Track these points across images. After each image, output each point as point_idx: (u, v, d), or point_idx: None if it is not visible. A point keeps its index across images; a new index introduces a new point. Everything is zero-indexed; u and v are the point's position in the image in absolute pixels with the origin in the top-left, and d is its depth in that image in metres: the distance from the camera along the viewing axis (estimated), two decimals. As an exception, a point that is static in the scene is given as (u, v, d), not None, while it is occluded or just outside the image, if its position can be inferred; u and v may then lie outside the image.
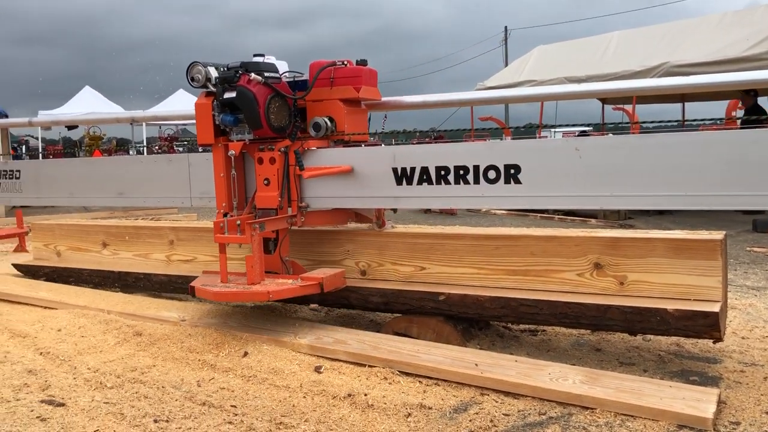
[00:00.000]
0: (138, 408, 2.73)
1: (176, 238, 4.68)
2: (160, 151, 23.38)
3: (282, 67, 3.97)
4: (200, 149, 4.31)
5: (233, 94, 3.70)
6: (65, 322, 3.99)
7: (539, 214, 11.27)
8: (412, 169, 3.46)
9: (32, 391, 2.97)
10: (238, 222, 3.62)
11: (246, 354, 3.32)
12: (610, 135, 3.66)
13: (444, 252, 3.64)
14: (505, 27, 43.19)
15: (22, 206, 8.75)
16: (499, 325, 3.85)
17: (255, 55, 3.95)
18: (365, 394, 2.81)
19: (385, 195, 3.60)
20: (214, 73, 3.78)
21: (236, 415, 2.66)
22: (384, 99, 4.03)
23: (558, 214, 11.12)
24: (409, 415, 2.64)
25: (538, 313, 3.28)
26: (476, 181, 3.28)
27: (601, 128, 13.34)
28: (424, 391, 2.87)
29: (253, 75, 3.68)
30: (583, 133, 15.50)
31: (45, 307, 4.43)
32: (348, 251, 4.00)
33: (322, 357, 3.29)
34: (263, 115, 3.65)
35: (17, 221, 8.43)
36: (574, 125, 14.87)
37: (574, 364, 3.10)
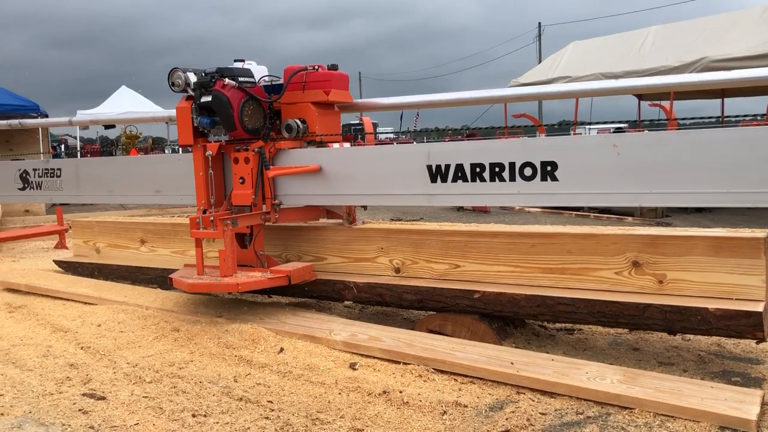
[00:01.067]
0: (176, 402, 2.77)
1: (212, 235, 4.72)
2: (194, 149, 23.64)
3: (261, 71, 4.18)
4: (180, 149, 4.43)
5: (209, 98, 3.92)
6: (105, 317, 4.07)
7: (574, 212, 11.14)
8: (447, 167, 3.44)
9: (74, 385, 3.03)
10: (212, 218, 3.83)
11: (282, 350, 3.35)
12: (646, 131, 3.59)
13: (479, 250, 3.62)
14: (539, 23, 42.80)
15: (61, 204, 8.94)
16: (535, 324, 3.82)
17: (235, 60, 4.18)
18: (400, 392, 2.81)
19: (419, 192, 3.59)
20: (192, 78, 4.00)
21: (273, 410, 2.68)
22: (357, 101, 4.24)
23: (593, 212, 10.99)
24: (445, 412, 2.63)
25: (575, 311, 3.24)
26: (512, 178, 3.25)
27: (637, 125, 13.14)
28: (460, 389, 2.86)
29: (227, 80, 3.90)
30: (618, 130, 15.27)
31: (85, 303, 4.52)
32: (381, 249, 4.00)
33: (357, 354, 3.30)
34: (237, 118, 3.87)
35: (58, 219, 8.62)
36: (609, 122, 14.69)
37: (611, 364, 3.06)
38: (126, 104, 20.47)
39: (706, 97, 16.19)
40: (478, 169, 3.34)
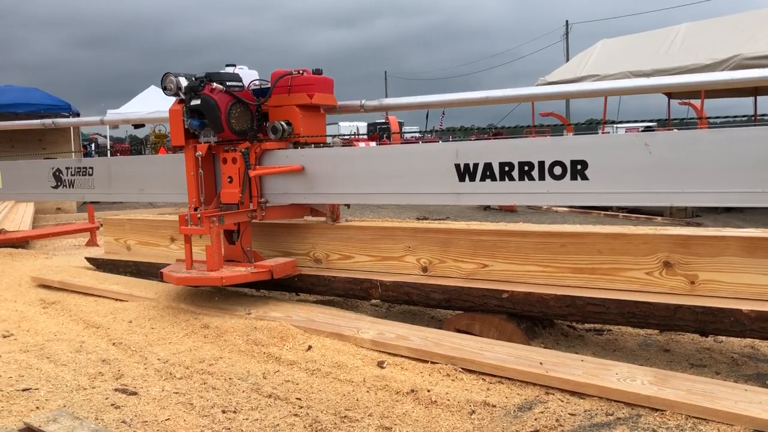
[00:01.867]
0: (206, 399, 2.80)
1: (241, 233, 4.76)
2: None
3: (251, 75, 4.38)
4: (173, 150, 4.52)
5: (198, 102, 4.11)
6: (136, 313, 4.13)
7: (603, 212, 11.04)
8: (475, 165, 3.43)
9: (106, 380, 3.08)
10: (199, 215, 4.05)
11: (310, 348, 3.37)
12: (675, 130, 3.55)
13: (508, 249, 3.61)
14: (566, 21, 42.44)
15: (92, 202, 9.08)
16: (564, 324, 3.79)
17: (227, 65, 4.39)
18: (428, 390, 2.80)
19: (447, 191, 3.59)
20: (184, 82, 4.19)
21: (301, 407, 2.69)
22: (341, 103, 4.38)
23: (622, 212, 10.88)
24: (473, 412, 2.62)
25: (605, 312, 3.21)
26: (541, 177, 3.23)
27: (666, 124, 12.96)
28: (488, 389, 2.85)
29: (215, 84, 4.11)
30: (647, 129, 15.07)
31: (116, 299, 4.59)
32: (409, 248, 4.00)
33: (384, 352, 3.30)
34: (224, 120, 4.07)
35: (89, 216, 8.76)
36: (637, 121, 14.52)
37: (641, 365, 3.03)
38: (154, 103, 20.70)
39: (737, 95, 15.93)
40: (506, 168, 3.33)
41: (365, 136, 28.67)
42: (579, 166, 3.15)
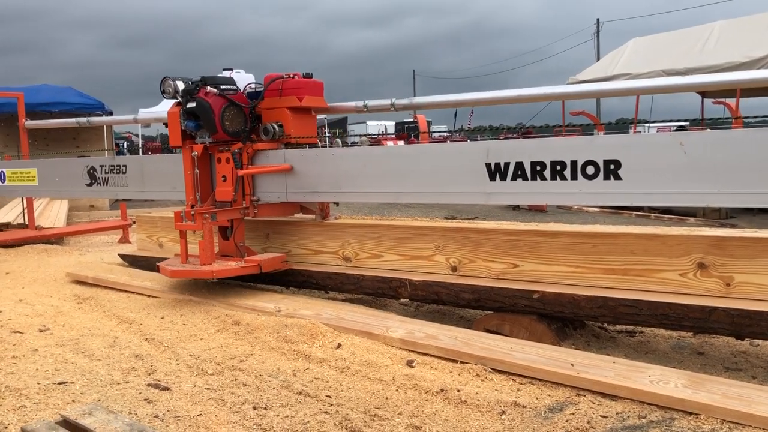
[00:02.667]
0: (238, 395, 2.83)
1: (272, 231, 4.81)
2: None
3: (248, 79, 4.60)
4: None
5: (194, 104, 4.33)
6: (168, 310, 4.19)
7: (634, 212, 10.90)
8: (506, 165, 3.42)
9: (139, 375, 3.13)
10: (192, 212, 4.29)
11: (339, 346, 3.38)
12: (709, 129, 3.49)
13: (538, 249, 3.58)
14: (597, 19, 41.86)
15: (125, 199, 9.22)
16: (595, 325, 3.75)
17: (224, 69, 4.61)
18: (458, 390, 2.80)
19: (477, 191, 3.58)
20: (181, 86, 4.39)
21: (331, 405, 2.70)
22: (331, 104, 4.60)
23: (654, 212, 10.73)
24: (503, 412, 2.61)
25: (638, 313, 3.17)
26: (573, 176, 3.21)
27: (700, 123, 12.76)
28: (518, 390, 2.83)
29: (209, 88, 4.32)
30: (680, 129, 14.85)
31: (148, 296, 4.65)
32: (438, 247, 3.99)
33: (414, 351, 3.30)
34: (218, 122, 4.28)
35: (122, 214, 8.89)
36: (669, 121, 14.30)
37: (674, 368, 2.98)
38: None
39: (774, 94, 15.59)
40: (538, 168, 3.30)
41: (393, 135, 28.69)
42: (612, 166, 3.12)
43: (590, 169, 3.17)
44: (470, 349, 3.16)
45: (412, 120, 30.90)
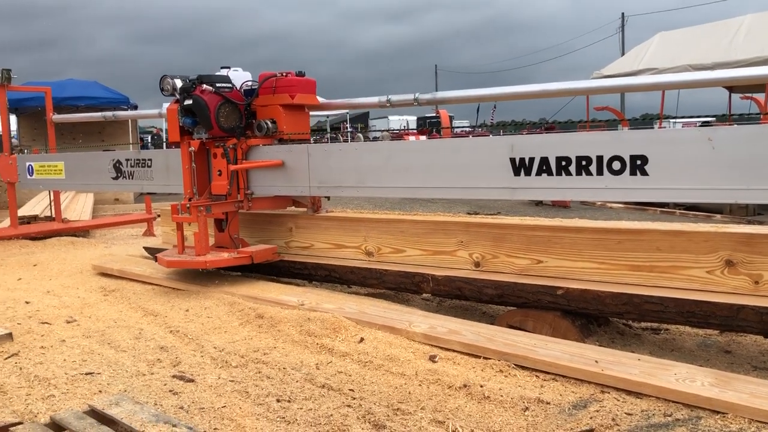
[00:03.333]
0: (261, 387, 2.84)
1: (295, 225, 4.83)
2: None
3: (245, 77, 4.75)
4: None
5: (190, 102, 4.50)
6: (192, 302, 4.22)
7: (659, 209, 10.78)
8: (531, 160, 3.40)
9: (164, 366, 3.16)
10: (188, 205, 4.49)
11: (362, 340, 3.39)
12: (735, 125, 3.44)
13: (563, 245, 3.56)
14: (622, 14, 41.39)
15: (149, 193, 9.32)
16: (619, 323, 3.72)
17: (222, 67, 4.76)
18: (481, 386, 2.79)
19: (501, 186, 3.56)
20: (179, 83, 4.58)
21: (354, 398, 2.71)
22: (326, 101, 4.77)
23: (679, 209, 10.60)
24: (527, 408, 2.60)
25: (664, 311, 3.14)
26: (599, 172, 3.18)
27: (727, 119, 12.58)
28: (542, 386, 2.82)
29: (205, 86, 4.49)
30: (705, 124, 14.65)
31: (173, 288, 4.69)
32: (461, 242, 3.98)
33: (436, 346, 3.30)
34: (213, 119, 4.46)
35: (146, 207, 8.99)
36: (695, 116, 14.09)
37: (701, 366, 2.95)
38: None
39: (804, 89, 15.30)
40: (563, 163, 3.28)
41: (414, 130, 28.63)
42: (639, 161, 3.08)
43: (616, 165, 3.14)
44: (493, 345, 3.14)
45: (434, 115, 30.80)
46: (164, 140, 25.08)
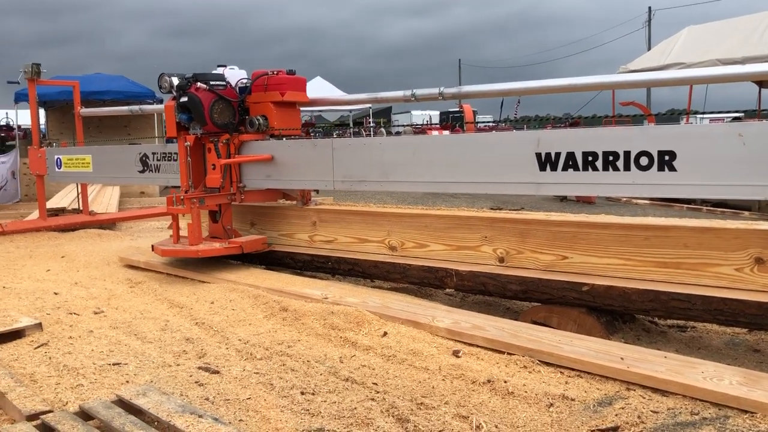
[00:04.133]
0: (285, 380, 2.86)
1: (319, 219, 4.85)
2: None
3: (240, 75, 5.00)
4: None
5: (186, 99, 4.74)
6: (217, 295, 4.26)
7: (685, 205, 10.64)
8: (557, 155, 3.37)
9: (190, 358, 3.19)
10: (182, 197, 4.73)
11: (385, 334, 3.39)
12: (766, 121, 3.38)
13: (588, 241, 3.53)
14: (649, 7, 40.78)
15: (175, 186, 9.39)
16: (645, 320, 3.68)
17: (218, 66, 5.01)
18: (505, 381, 2.78)
19: (526, 181, 3.54)
20: (175, 81, 4.81)
21: (378, 392, 2.72)
22: (315, 97, 5.08)
23: (706, 205, 10.46)
24: (551, 405, 2.58)
25: (691, 308, 3.10)
26: (626, 167, 3.14)
27: (757, 114, 12.36)
28: (566, 382, 2.80)
29: (199, 83, 4.74)
30: (735, 120, 14.41)
31: (198, 281, 4.74)
32: (485, 237, 3.97)
33: (460, 341, 3.29)
34: (207, 115, 4.71)
35: (171, 200, 9.04)
36: (723, 112, 13.88)
37: (728, 364, 2.91)
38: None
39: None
40: (590, 158, 3.25)
41: (437, 125, 28.55)
42: (667, 157, 3.05)
43: (644, 160, 3.10)
44: (517, 341, 3.13)
45: (457, 110, 30.67)
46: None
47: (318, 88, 24.09)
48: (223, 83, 4.85)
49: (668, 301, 3.15)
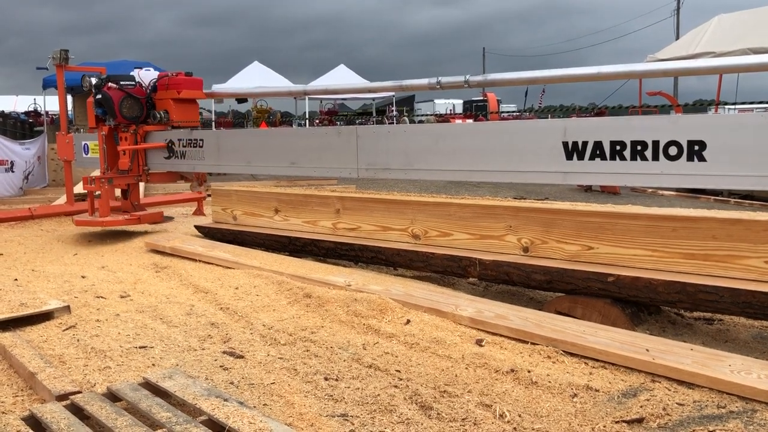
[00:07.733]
0: (309, 365, 2.88)
1: (342, 207, 4.85)
2: (320, 124, 24.22)
3: (153, 75, 6.03)
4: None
5: (100, 96, 5.86)
6: (242, 281, 4.29)
7: (712, 197, 10.49)
8: (584, 144, 3.34)
9: (215, 342, 3.23)
10: (94, 178, 5.96)
11: (408, 322, 3.40)
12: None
13: (615, 232, 3.50)
14: (678, -5, 40.00)
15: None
16: (671, 312, 3.65)
17: (135, 67, 6.18)
18: (528, 371, 2.77)
19: (553, 170, 3.51)
20: (94, 81, 5.87)
21: (401, 379, 2.73)
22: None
23: (734, 197, 10.29)
24: (575, 395, 2.57)
25: (718, 300, 3.06)
26: (655, 157, 3.10)
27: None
28: (590, 373, 2.79)
29: (110, 84, 5.86)
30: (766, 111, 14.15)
31: (223, 267, 4.77)
32: (510, 227, 3.95)
33: (483, 330, 3.28)
34: (117, 110, 5.83)
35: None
36: (753, 102, 13.61)
37: (757, 358, 2.87)
38: (256, 79, 21.20)
39: None
40: (618, 147, 3.21)
41: (461, 114, 28.39)
42: (696, 147, 3.00)
43: (673, 150, 3.06)
44: (541, 331, 3.12)
45: (480, 98, 30.46)
46: (212, 121, 25.42)
47: (341, 76, 24.04)
48: (133, 83, 5.90)
49: (695, 293, 3.11)
